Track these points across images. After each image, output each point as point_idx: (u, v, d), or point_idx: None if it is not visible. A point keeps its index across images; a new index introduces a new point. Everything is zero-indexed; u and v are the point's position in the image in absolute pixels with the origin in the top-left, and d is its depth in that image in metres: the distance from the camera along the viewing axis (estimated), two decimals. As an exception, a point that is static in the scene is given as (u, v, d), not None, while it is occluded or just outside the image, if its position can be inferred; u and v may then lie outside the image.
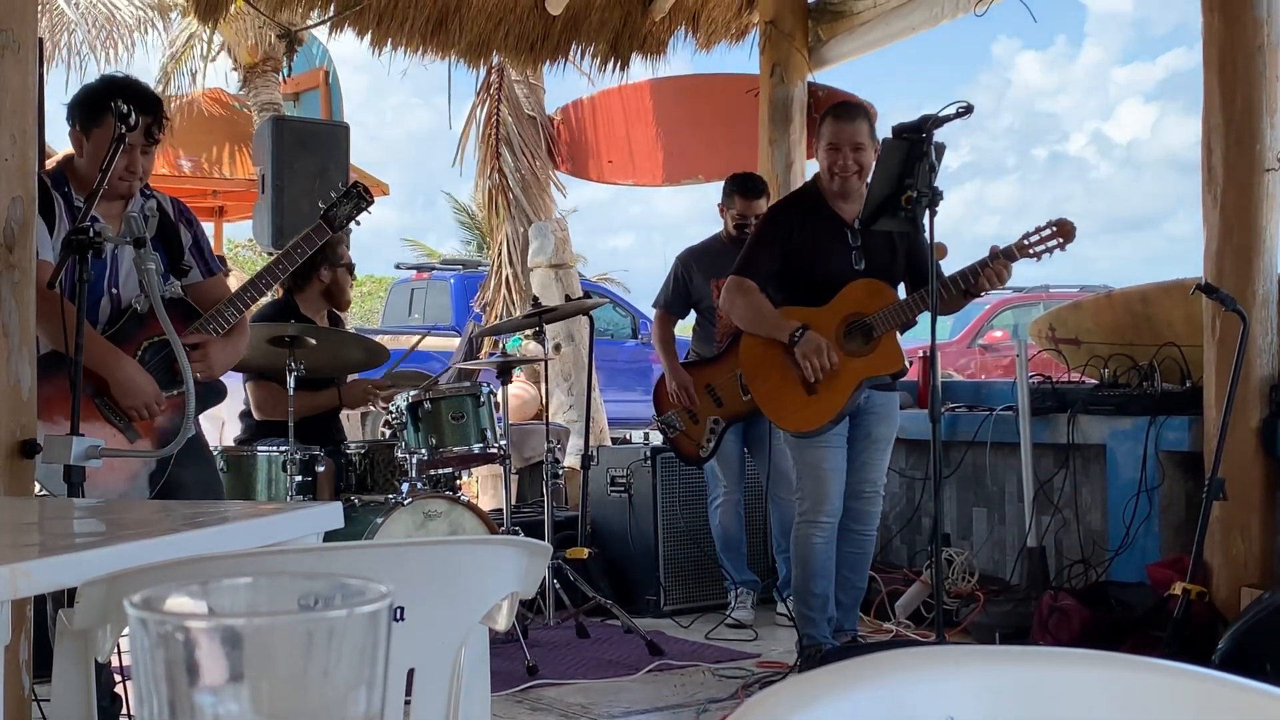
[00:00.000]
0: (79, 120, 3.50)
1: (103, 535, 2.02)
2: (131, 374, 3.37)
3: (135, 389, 3.36)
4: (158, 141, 3.51)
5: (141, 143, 3.40)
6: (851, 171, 4.34)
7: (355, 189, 3.88)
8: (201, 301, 3.60)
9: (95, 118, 3.44)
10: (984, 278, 4.22)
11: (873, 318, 4.30)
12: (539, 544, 1.71)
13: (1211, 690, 0.87)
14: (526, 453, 7.01)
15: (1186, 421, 4.81)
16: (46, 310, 3.25)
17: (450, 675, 1.59)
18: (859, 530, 4.48)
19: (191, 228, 3.64)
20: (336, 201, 3.85)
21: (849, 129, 4.36)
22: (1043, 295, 13.83)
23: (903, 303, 4.30)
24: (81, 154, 3.49)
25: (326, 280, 5.10)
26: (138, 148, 3.39)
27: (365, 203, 3.87)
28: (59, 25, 10.86)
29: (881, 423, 4.44)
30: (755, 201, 5.49)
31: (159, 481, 3.42)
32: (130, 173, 3.40)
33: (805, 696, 0.80)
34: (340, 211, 3.83)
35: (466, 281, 13.30)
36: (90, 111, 3.46)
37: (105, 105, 3.33)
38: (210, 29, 9.30)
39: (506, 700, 4.23)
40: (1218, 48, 4.54)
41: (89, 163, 3.45)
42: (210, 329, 3.51)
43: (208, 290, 3.61)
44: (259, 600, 0.60)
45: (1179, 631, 4.17)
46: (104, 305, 3.43)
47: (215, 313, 3.53)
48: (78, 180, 3.48)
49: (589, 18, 7.13)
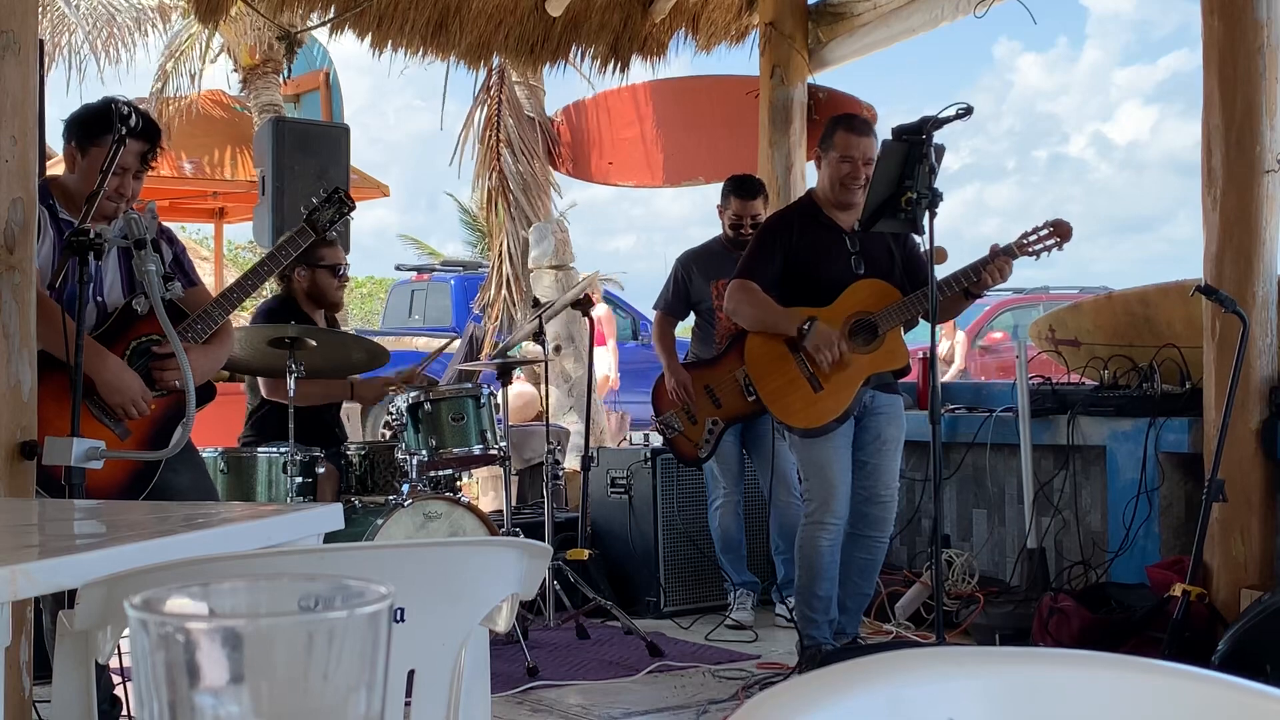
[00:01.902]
0: (75, 136, 3.51)
1: (103, 537, 2.02)
2: (117, 372, 3.39)
3: (121, 386, 3.38)
4: (149, 169, 3.54)
5: (135, 166, 3.43)
6: (861, 184, 4.36)
7: (336, 194, 3.89)
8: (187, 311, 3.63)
9: (93, 136, 3.45)
10: (986, 275, 4.25)
11: (877, 315, 4.31)
12: (539, 545, 1.71)
13: (1211, 691, 0.87)
14: (527, 454, 7.01)
15: (1186, 423, 4.81)
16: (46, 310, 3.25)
17: (450, 677, 1.59)
18: (873, 536, 4.47)
19: (172, 245, 3.68)
20: (319, 206, 3.88)
21: (864, 142, 4.41)
22: (1042, 297, 13.84)
23: (907, 299, 4.31)
24: (73, 169, 3.51)
25: (305, 282, 5.08)
26: (130, 171, 3.42)
27: (346, 207, 3.89)
28: (59, 26, 10.87)
29: (890, 424, 4.44)
30: (751, 202, 5.50)
31: (149, 482, 3.43)
32: (119, 195, 3.42)
33: (805, 698, 0.80)
34: (323, 216, 3.85)
35: (467, 283, 13.30)
36: (88, 129, 3.48)
37: (104, 125, 3.34)
38: (211, 30, 9.30)
39: (507, 702, 4.22)
40: (1218, 49, 4.54)
41: (80, 179, 3.47)
42: (190, 335, 3.52)
43: (190, 300, 3.63)
44: (259, 602, 0.60)
45: (1179, 633, 4.17)
46: (90, 311, 3.43)
47: (198, 317, 3.54)
48: (63, 195, 3.50)
49: (589, 19, 7.13)
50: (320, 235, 3.88)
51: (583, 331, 7.64)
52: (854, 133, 4.44)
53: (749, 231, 5.42)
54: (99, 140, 3.40)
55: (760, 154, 6.63)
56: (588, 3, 7.02)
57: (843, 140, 4.43)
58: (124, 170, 3.39)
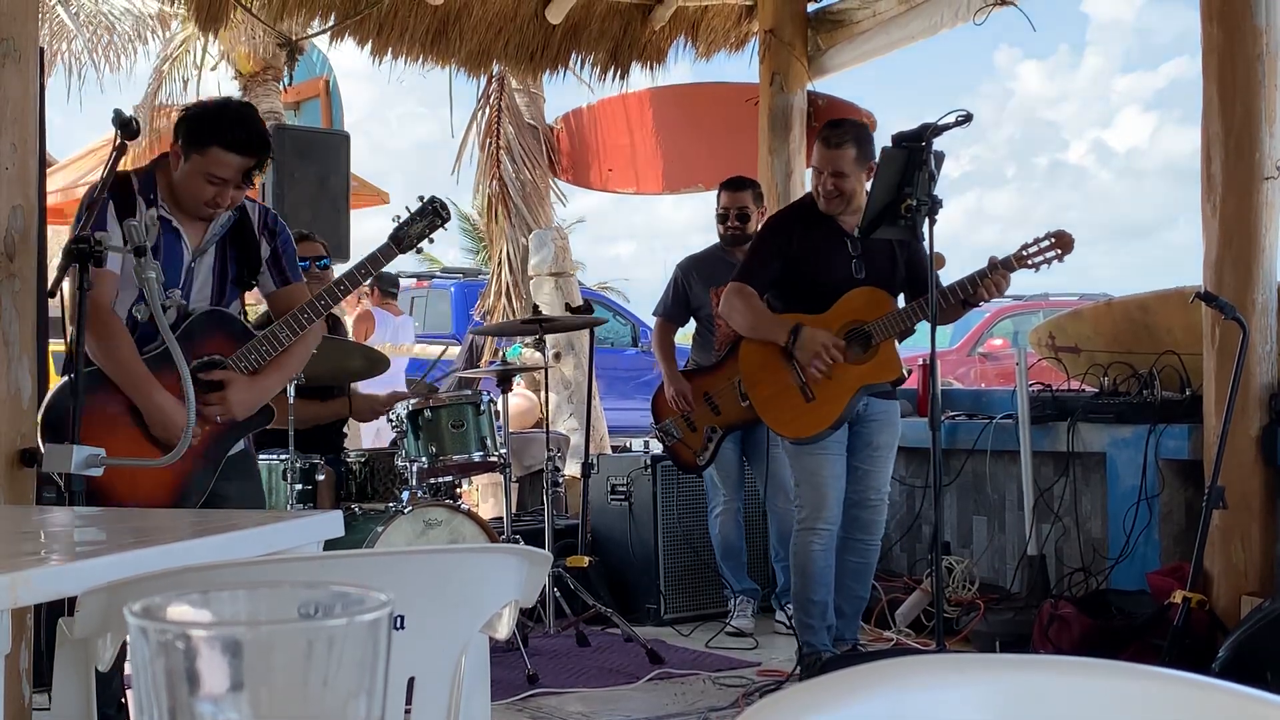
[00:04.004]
0: (181, 136, 3.29)
1: (103, 544, 2.02)
2: (162, 405, 3.22)
3: (167, 423, 3.23)
4: (252, 184, 3.37)
5: (235, 179, 3.25)
6: (832, 196, 4.35)
7: (432, 204, 3.61)
8: (276, 311, 3.49)
9: (198, 142, 3.25)
10: (983, 288, 4.23)
11: (871, 325, 4.30)
12: (539, 552, 1.71)
13: (1212, 698, 0.87)
14: (527, 461, 7.01)
15: (1186, 430, 4.81)
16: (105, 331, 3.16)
17: (450, 684, 1.59)
18: (864, 540, 4.47)
19: (274, 239, 3.47)
20: (410, 219, 3.60)
21: (831, 155, 4.34)
22: (1042, 303, 13.83)
23: (902, 310, 4.30)
24: (175, 170, 3.30)
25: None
26: (229, 183, 3.25)
27: (440, 220, 3.61)
28: (59, 33, 10.88)
29: (883, 430, 4.44)
30: (739, 193, 5.51)
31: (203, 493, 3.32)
32: (217, 204, 3.28)
33: (805, 705, 0.80)
34: (413, 230, 3.58)
35: (467, 290, 13.30)
36: (193, 134, 3.27)
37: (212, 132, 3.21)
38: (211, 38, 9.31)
39: (507, 709, 4.22)
40: (1217, 56, 4.54)
41: (180, 180, 3.29)
42: (242, 365, 3.35)
43: (281, 299, 3.49)
44: (259, 609, 0.60)
45: (1179, 640, 4.17)
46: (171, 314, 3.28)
47: (253, 345, 3.37)
48: (168, 191, 3.32)
49: (589, 27, 7.14)
50: (405, 252, 3.61)
51: (583, 339, 7.64)
52: (824, 145, 4.41)
53: (735, 223, 5.45)
54: (203, 149, 3.23)
55: (760, 161, 6.63)
56: (587, 10, 7.03)
57: (815, 153, 4.45)
58: (223, 181, 3.22)
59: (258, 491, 3.65)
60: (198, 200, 3.26)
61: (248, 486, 3.50)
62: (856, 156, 4.33)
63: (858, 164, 4.33)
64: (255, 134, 3.28)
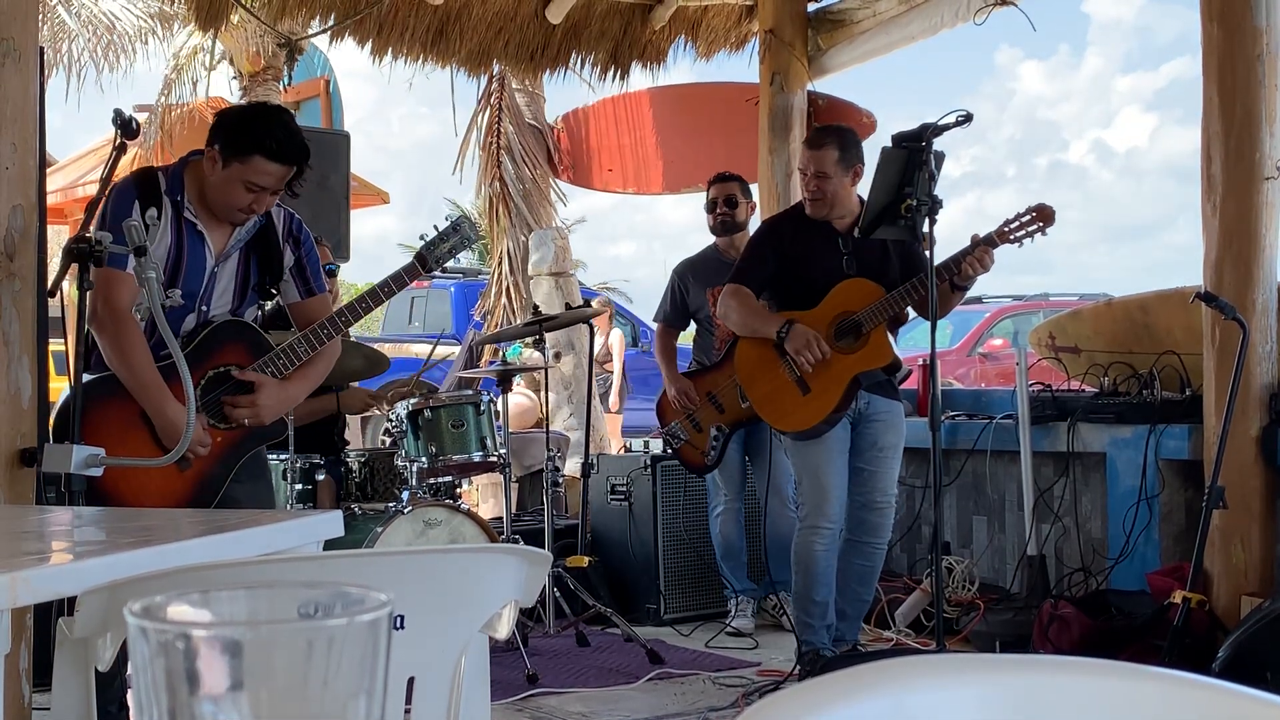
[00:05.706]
0: (218, 141, 3.21)
1: (103, 544, 2.02)
2: (173, 418, 3.19)
3: (178, 435, 3.14)
4: (295, 196, 3.33)
5: (272, 186, 3.20)
6: (815, 198, 4.37)
7: (461, 225, 3.56)
8: (297, 321, 3.47)
9: (236, 150, 3.17)
10: (966, 265, 4.22)
11: (860, 314, 4.31)
12: (539, 552, 1.71)
13: (1211, 698, 0.87)
14: (527, 461, 7.01)
15: (1186, 430, 4.81)
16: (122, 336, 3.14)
17: (450, 684, 1.59)
18: (870, 542, 4.47)
19: (299, 248, 3.43)
20: (436, 239, 3.56)
21: (812, 156, 4.38)
22: (1042, 304, 13.84)
23: (889, 296, 4.29)
24: (211, 174, 3.23)
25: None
26: (266, 190, 3.20)
27: (467, 241, 3.58)
28: (60, 34, 10.87)
29: (888, 431, 4.44)
30: (726, 184, 5.56)
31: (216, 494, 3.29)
32: (252, 210, 3.24)
33: (805, 705, 0.80)
34: (439, 249, 3.55)
35: (467, 290, 13.30)
36: (232, 140, 3.19)
37: (252, 140, 3.15)
38: (211, 38, 9.31)
39: (507, 709, 4.22)
40: (1217, 56, 4.54)
41: (215, 185, 3.22)
42: (269, 370, 3.33)
43: (304, 311, 3.46)
44: (259, 609, 0.60)
45: (1179, 640, 4.17)
46: (189, 320, 3.30)
47: (271, 359, 3.34)
48: (198, 194, 3.26)
49: (589, 27, 7.14)
50: (429, 271, 3.57)
51: (583, 338, 7.64)
52: (806, 146, 4.48)
53: (724, 209, 5.50)
54: (245, 157, 3.16)
55: (760, 161, 6.63)
56: (588, 10, 7.03)
57: (800, 155, 4.47)
58: (261, 189, 3.18)
59: (268, 492, 3.64)
60: (232, 206, 3.22)
61: (257, 487, 3.48)
62: (839, 158, 4.34)
63: (840, 166, 4.34)
64: (299, 143, 3.24)
